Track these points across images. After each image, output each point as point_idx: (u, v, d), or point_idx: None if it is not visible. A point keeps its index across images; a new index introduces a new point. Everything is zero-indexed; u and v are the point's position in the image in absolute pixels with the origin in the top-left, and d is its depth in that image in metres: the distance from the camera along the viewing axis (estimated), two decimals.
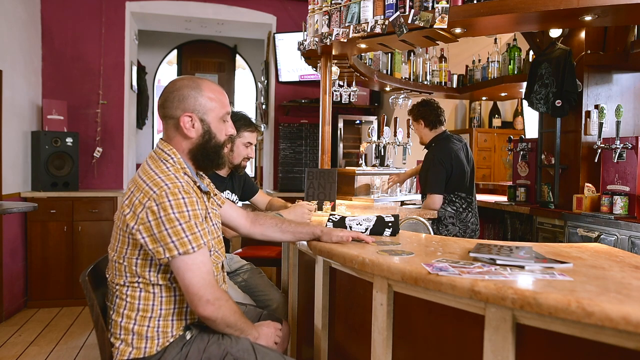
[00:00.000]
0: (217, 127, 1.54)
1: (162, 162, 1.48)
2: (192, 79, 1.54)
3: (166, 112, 1.50)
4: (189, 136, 1.50)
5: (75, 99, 4.55)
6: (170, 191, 1.36)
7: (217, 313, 1.39)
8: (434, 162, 3.07)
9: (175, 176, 1.43)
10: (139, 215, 1.37)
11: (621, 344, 0.96)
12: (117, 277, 1.45)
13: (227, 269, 2.49)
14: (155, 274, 1.43)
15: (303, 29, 3.15)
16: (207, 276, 1.39)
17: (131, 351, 1.41)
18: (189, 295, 1.37)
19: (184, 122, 1.48)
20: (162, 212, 1.34)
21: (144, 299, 1.43)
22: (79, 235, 4.13)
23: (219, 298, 1.39)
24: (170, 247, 1.34)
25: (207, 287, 1.37)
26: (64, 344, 3.32)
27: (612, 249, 1.63)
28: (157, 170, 1.44)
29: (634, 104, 3.29)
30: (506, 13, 2.13)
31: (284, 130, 5.01)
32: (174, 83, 1.52)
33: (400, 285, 1.37)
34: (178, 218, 1.35)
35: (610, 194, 2.88)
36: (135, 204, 1.38)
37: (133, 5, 4.77)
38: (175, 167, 1.47)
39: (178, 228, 1.35)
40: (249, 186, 2.62)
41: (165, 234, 1.34)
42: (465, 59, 4.74)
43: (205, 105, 1.50)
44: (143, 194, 1.38)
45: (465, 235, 3.07)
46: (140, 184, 1.41)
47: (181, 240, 1.34)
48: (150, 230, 1.36)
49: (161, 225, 1.34)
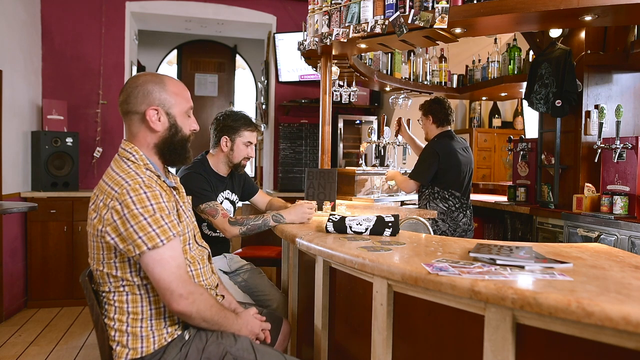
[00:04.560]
0: (182, 121, 1.55)
1: (124, 161, 1.48)
2: (154, 75, 1.54)
3: (130, 107, 1.50)
4: (155, 129, 1.50)
5: (75, 99, 4.55)
6: (131, 187, 1.36)
7: (192, 307, 1.36)
8: (429, 153, 3.15)
9: (136, 172, 1.43)
10: (105, 217, 1.36)
11: (621, 344, 0.96)
12: (102, 285, 1.45)
13: (227, 269, 2.49)
14: (137, 273, 1.41)
15: (303, 29, 3.15)
16: (177, 270, 1.36)
17: (128, 352, 1.41)
18: (161, 291, 1.35)
19: (150, 115, 1.48)
20: (126, 209, 1.34)
21: (132, 302, 1.42)
22: (79, 235, 4.13)
23: (192, 292, 1.37)
24: (138, 244, 1.33)
25: (177, 281, 1.35)
26: (64, 344, 3.32)
27: (612, 249, 1.63)
28: (117, 170, 1.44)
29: (634, 104, 3.29)
30: (506, 13, 2.13)
31: (284, 130, 5.01)
32: (136, 79, 1.51)
33: (400, 285, 1.37)
34: (142, 213, 1.34)
35: (610, 194, 2.88)
36: (100, 206, 1.38)
37: (133, 5, 4.77)
38: (137, 164, 1.47)
39: (143, 223, 1.33)
40: (249, 186, 2.62)
41: (131, 231, 1.33)
42: (465, 59, 4.74)
43: (169, 99, 1.51)
44: (106, 196, 1.38)
45: (455, 233, 3.09)
46: (103, 187, 1.41)
47: (148, 235, 1.33)
48: (117, 230, 1.34)
49: (126, 223, 1.33)
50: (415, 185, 3.18)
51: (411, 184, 3.16)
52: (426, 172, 3.10)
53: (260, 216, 2.18)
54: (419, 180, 3.14)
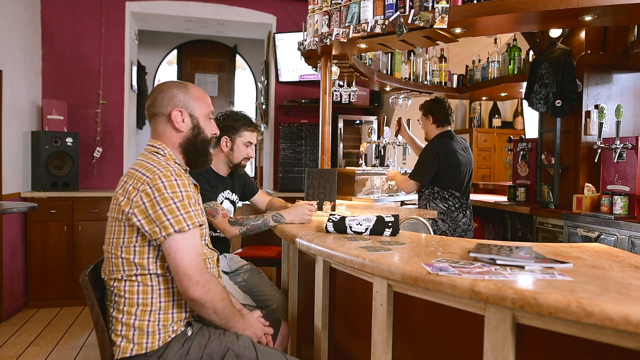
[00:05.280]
0: (204, 123, 1.65)
1: (154, 154, 1.56)
2: (177, 81, 1.68)
3: (156, 110, 1.59)
4: (180, 129, 1.59)
5: (75, 99, 4.55)
6: (163, 174, 1.43)
7: (207, 296, 1.40)
8: (429, 153, 3.15)
9: (167, 163, 1.51)
10: (133, 199, 1.41)
11: (621, 344, 0.96)
12: (115, 273, 1.46)
13: (227, 269, 2.49)
14: (154, 261, 1.45)
15: (303, 29, 3.15)
16: (197, 257, 1.42)
17: (133, 347, 1.42)
18: (179, 276, 1.39)
19: (175, 116, 1.57)
20: (156, 192, 1.40)
21: (143, 293, 1.44)
22: (79, 235, 4.13)
23: (208, 281, 1.42)
24: (165, 225, 1.38)
25: (197, 267, 1.40)
26: (64, 344, 3.32)
27: (612, 249, 1.63)
28: (148, 160, 1.51)
29: (634, 104, 3.29)
30: (506, 13, 2.13)
31: (284, 130, 5.01)
32: (161, 85, 1.64)
33: (400, 285, 1.37)
34: (172, 197, 1.40)
35: (610, 194, 2.88)
36: (129, 190, 1.43)
37: (133, 5, 4.77)
38: (167, 157, 1.56)
39: (173, 206, 1.39)
40: (249, 186, 2.62)
41: (160, 213, 1.38)
42: (465, 59, 4.74)
43: (192, 102, 1.62)
44: (136, 180, 1.44)
45: (455, 233, 3.09)
46: (133, 173, 1.47)
47: (176, 217, 1.39)
48: (145, 212, 1.40)
49: (156, 205, 1.39)
50: (415, 186, 3.19)
51: (411, 184, 3.17)
52: (426, 172, 3.11)
53: (260, 216, 2.18)
54: (419, 181, 3.15)
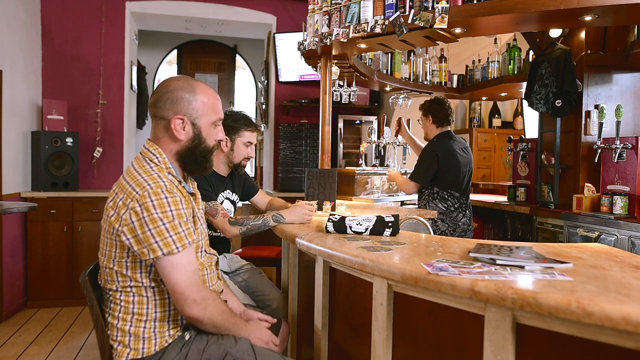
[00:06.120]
0: (207, 132, 1.53)
1: (147, 162, 1.47)
2: (187, 81, 1.51)
3: (157, 111, 1.49)
4: (179, 139, 1.49)
5: (75, 99, 4.55)
6: (153, 191, 1.35)
7: (204, 313, 1.38)
8: (428, 154, 3.16)
9: (159, 176, 1.41)
10: (123, 216, 1.35)
11: (621, 344, 0.96)
12: (110, 283, 1.44)
13: (227, 269, 2.49)
14: (147, 275, 1.41)
15: (303, 29, 3.15)
16: (192, 276, 1.37)
17: (129, 352, 1.41)
18: (175, 295, 1.36)
19: (175, 124, 1.47)
20: (145, 212, 1.33)
21: (138, 303, 1.42)
22: (79, 235, 4.13)
23: (205, 298, 1.38)
24: (154, 248, 1.33)
25: (192, 286, 1.36)
26: (64, 344, 3.32)
27: (612, 249, 1.63)
28: (140, 171, 1.43)
29: (634, 104, 3.29)
30: (506, 13, 2.13)
31: (284, 130, 5.01)
32: (168, 83, 1.50)
33: (400, 285, 1.37)
34: (161, 218, 1.34)
35: (610, 194, 2.88)
36: (119, 205, 1.38)
37: (133, 5, 4.77)
38: (160, 166, 1.46)
39: (161, 228, 1.33)
40: (249, 186, 2.62)
41: (148, 235, 1.33)
42: (465, 59, 4.74)
43: (198, 109, 1.49)
44: (126, 195, 1.37)
45: (455, 233, 3.09)
46: (124, 185, 1.40)
47: (165, 240, 1.33)
48: (134, 232, 1.34)
49: (144, 226, 1.33)
50: (415, 187, 3.20)
51: (411, 185, 3.18)
52: (425, 173, 3.11)
53: (260, 216, 2.18)
54: (418, 182, 3.15)
